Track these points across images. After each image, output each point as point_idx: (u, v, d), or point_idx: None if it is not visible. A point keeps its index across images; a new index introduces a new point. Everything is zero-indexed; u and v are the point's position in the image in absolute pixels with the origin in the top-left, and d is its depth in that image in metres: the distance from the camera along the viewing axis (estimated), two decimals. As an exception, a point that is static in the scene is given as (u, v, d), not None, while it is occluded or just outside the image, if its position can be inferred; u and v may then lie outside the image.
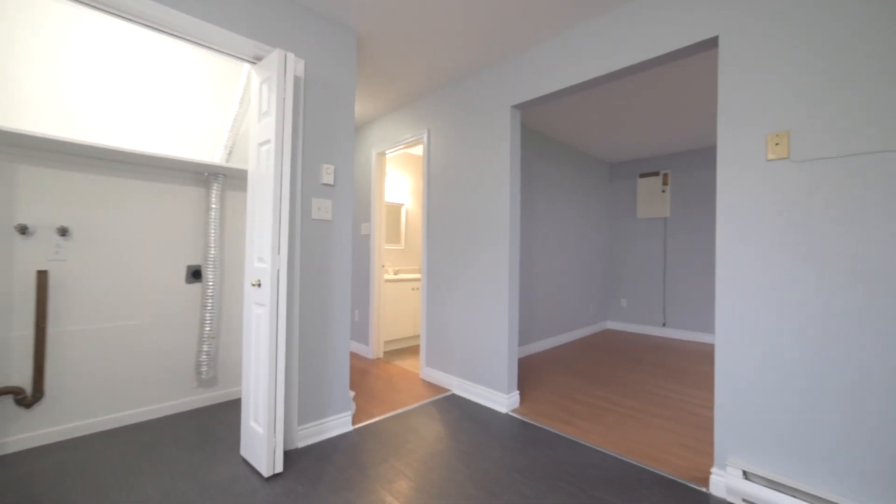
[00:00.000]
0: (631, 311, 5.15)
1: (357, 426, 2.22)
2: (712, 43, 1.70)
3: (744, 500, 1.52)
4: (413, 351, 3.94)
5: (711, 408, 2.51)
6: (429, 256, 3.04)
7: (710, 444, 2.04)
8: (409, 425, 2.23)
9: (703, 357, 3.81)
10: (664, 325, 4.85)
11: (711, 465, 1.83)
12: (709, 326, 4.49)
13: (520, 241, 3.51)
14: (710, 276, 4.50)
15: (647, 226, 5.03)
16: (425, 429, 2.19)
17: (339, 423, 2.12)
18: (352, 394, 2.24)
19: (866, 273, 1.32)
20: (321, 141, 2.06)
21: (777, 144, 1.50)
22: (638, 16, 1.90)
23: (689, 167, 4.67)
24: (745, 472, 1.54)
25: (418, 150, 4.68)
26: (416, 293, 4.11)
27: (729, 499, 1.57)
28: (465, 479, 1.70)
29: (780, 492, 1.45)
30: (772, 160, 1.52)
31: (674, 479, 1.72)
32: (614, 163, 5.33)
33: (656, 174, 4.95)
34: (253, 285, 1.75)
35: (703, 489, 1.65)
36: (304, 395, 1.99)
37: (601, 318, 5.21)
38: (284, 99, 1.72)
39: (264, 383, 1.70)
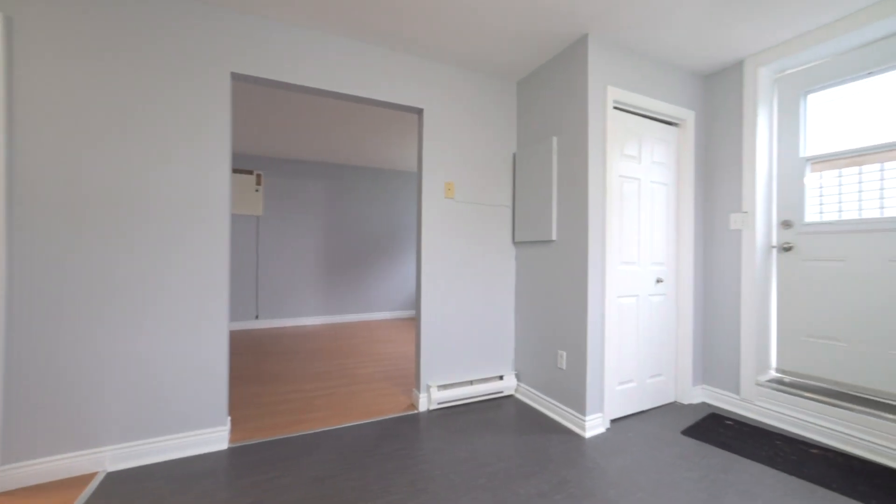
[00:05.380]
0: (222, 309, 4.95)
1: None
2: (418, 110, 2.52)
3: (438, 403, 2.49)
4: None
5: (367, 368, 3.37)
6: (26, 262, 1.65)
7: (393, 387, 2.89)
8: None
9: (318, 337, 4.60)
10: (257, 317, 5.14)
11: (407, 400, 2.67)
12: (298, 311, 5.33)
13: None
14: (298, 268, 5.35)
15: (240, 222, 5.06)
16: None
17: None
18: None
19: (472, 265, 2.68)
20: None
21: (449, 189, 2.58)
22: (378, 62, 2.36)
23: (282, 173, 5.26)
24: (438, 387, 2.51)
25: None
26: None
27: (431, 407, 2.49)
28: (292, 520, 1.46)
29: (448, 389, 2.55)
30: (447, 198, 2.58)
31: (401, 415, 2.40)
32: (204, 150, 4.85)
33: (250, 172, 5.10)
34: None
35: (415, 411, 2.46)
36: None
37: (191, 322, 4.61)
38: None
39: None
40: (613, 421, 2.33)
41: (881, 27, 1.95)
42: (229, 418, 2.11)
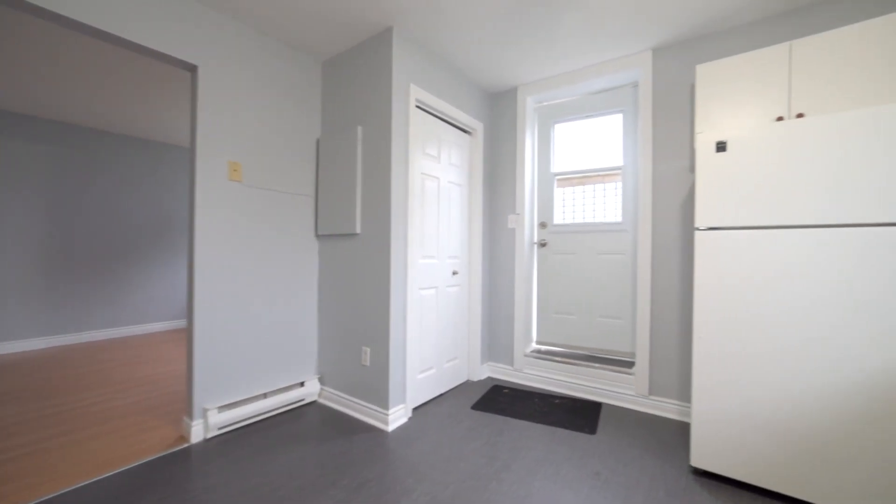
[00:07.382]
0: None
1: None
2: (192, 67, 2.00)
3: (219, 428, 2.06)
4: None
5: (118, 400, 2.51)
6: None
7: (155, 420, 2.23)
8: None
9: (38, 367, 3.16)
10: None
11: (175, 432, 2.10)
12: (8, 333, 3.60)
13: None
14: (7, 269, 3.61)
15: None
16: None
17: None
18: None
19: (266, 260, 2.36)
20: None
21: (235, 171, 2.16)
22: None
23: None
24: (219, 409, 2.08)
25: None
26: None
27: (209, 435, 2.03)
28: None
29: (235, 408, 2.15)
30: (231, 181, 2.15)
31: (166, 453, 1.87)
32: None
33: None
34: None
35: (186, 444, 1.96)
36: None
37: None
38: None
39: None
40: (415, 409, 2.44)
41: (595, 84, 2.66)
42: None
